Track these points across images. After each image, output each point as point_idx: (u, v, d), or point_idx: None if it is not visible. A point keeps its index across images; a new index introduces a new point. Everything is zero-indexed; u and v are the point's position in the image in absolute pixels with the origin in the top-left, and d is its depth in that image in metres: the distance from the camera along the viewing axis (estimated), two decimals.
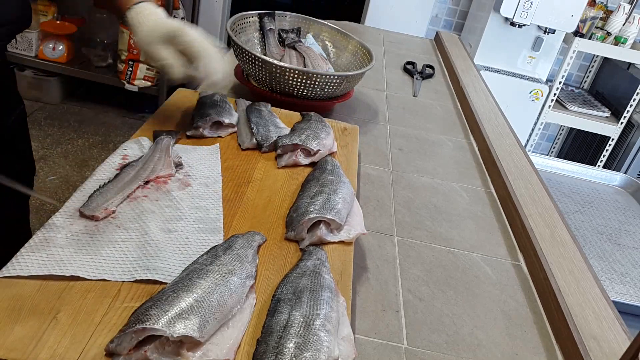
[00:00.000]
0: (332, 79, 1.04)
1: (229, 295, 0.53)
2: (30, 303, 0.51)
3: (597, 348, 0.66)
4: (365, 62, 1.21)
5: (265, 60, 1.02)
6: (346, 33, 1.30)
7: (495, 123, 1.29)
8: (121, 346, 0.47)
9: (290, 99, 1.07)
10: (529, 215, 0.91)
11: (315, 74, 1.03)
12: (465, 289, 0.75)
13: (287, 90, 1.06)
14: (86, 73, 2.80)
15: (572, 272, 0.80)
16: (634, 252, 1.44)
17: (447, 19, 3.28)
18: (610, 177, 1.82)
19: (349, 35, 1.29)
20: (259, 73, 1.06)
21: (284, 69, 1.01)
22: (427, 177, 1.03)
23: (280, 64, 1.01)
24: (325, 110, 1.15)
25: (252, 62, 1.05)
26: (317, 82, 1.04)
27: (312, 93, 1.06)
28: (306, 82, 1.03)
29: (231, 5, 3.29)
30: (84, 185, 0.68)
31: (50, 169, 2.39)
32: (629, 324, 0.72)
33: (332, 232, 0.69)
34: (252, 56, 1.03)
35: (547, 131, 3.58)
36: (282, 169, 0.84)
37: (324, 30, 1.33)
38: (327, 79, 1.04)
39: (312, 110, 1.03)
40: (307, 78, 1.03)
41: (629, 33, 2.80)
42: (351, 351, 0.53)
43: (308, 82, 1.03)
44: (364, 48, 1.23)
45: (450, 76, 1.64)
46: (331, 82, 1.05)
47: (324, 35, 1.33)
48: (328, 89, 1.06)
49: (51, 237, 0.59)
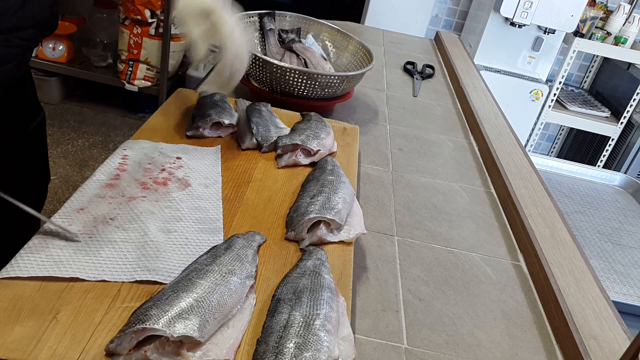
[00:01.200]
0: (333, 79, 1.04)
1: (229, 295, 0.53)
2: (30, 303, 0.51)
3: (597, 348, 0.66)
4: (366, 62, 1.21)
5: (266, 61, 1.02)
6: (346, 33, 1.30)
7: (495, 123, 1.29)
8: (121, 346, 0.47)
9: (290, 99, 1.07)
10: (529, 215, 0.91)
11: (316, 74, 1.03)
12: (465, 289, 0.75)
13: (287, 91, 1.06)
14: (86, 73, 2.80)
15: (572, 272, 0.80)
16: (634, 252, 1.44)
17: (447, 19, 3.28)
18: (610, 177, 1.82)
19: (349, 36, 1.29)
20: (260, 73, 1.06)
21: (285, 69, 1.01)
22: (427, 177, 1.03)
23: (281, 64, 1.01)
24: (325, 110, 1.15)
25: (253, 62, 1.05)
26: (318, 82, 1.04)
27: (312, 93, 1.06)
28: (307, 82, 1.03)
29: None
30: (83, 186, 0.68)
31: (50, 169, 2.39)
32: (629, 324, 0.72)
33: (332, 232, 0.69)
34: (253, 56, 1.03)
35: (547, 131, 3.58)
36: (282, 169, 0.84)
37: (324, 31, 1.32)
38: (327, 79, 1.04)
39: (312, 110, 1.03)
40: (307, 78, 1.03)
41: (629, 33, 2.80)
42: (351, 351, 0.53)
43: (308, 82, 1.03)
44: (364, 48, 1.23)
45: (450, 76, 1.64)
46: (332, 83, 1.05)
47: (324, 36, 1.32)
48: (328, 89, 1.06)
49: (50, 238, 0.59)
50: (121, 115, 2.98)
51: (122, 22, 2.68)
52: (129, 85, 2.77)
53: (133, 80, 2.76)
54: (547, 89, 2.89)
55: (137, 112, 3.03)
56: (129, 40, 2.67)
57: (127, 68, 2.74)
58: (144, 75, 2.76)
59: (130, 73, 2.75)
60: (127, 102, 3.02)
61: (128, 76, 2.76)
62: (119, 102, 3.04)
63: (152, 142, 0.81)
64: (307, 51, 1.21)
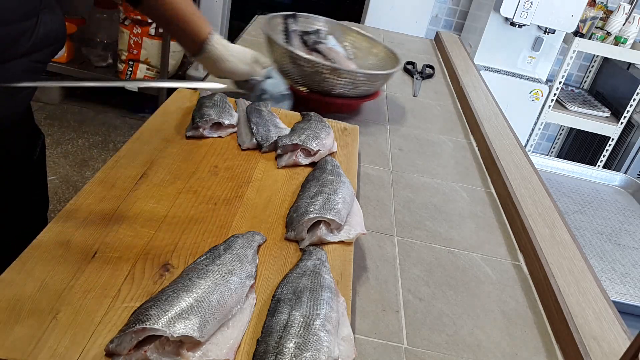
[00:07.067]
0: (371, 77, 1.10)
1: (229, 295, 0.53)
2: (30, 303, 0.51)
3: (597, 348, 0.66)
4: (391, 62, 1.25)
5: (301, 57, 1.07)
6: (369, 36, 1.34)
7: (495, 123, 1.29)
8: (121, 346, 0.47)
9: (322, 97, 1.12)
10: (529, 215, 0.91)
11: (354, 72, 1.08)
12: (465, 289, 0.75)
13: (325, 89, 1.11)
14: (86, 73, 2.80)
15: (572, 272, 0.80)
16: (634, 252, 1.44)
17: (447, 19, 3.28)
18: (610, 177, 1.82)
19: (373, 39, 1.34)
20: (296, 71, 1.10)
21: (326, 66, 1.06)
22: (427, 177, 1.03)
23: (324, 63, 1.07)
24: (352, 109, 1.22)
25: (290, 61, 1.09)
26: (354, 79, 1.09)
27: (346, 91, 1.11)
28: (342, 80, 1.08)
29: (231, 5, 3.29)
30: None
31: (50, 169, 2.39)
32: (629, 324, 0.72)
33: (332, 232, 0.69)
34: (292, 54, 1.08)
35: (547, 131, 3.58)
36: (282, 169, 0.84)
37: (345, 32, 1.37)
38: (368, 76, 1.09)
39: (341, 108, 1.10)
40: (343, 76, 1.07)
41: (629, 33, 2.80)
42: (351, 351, 0.53)
43: (343, 80, 1.08)
44: (388, 50, 1.28)
45: (450, 76, 1.64)
46: (367, 81, 1.10)
47: (345, 37, 1.36)
48: (364, 86, 1.12)
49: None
50: (121, 115, 2.98)
51: (122, 22, 2.68)
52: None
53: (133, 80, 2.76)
54: (547, 89, 2.89)
55: (137, 112, 3.03)
56: (129, 40, 2.67)
57: (127, 68, 2.74)
58: (144, 75, 2.76)
59: (130, 73, 2.75)
60: (127, 102, 3.02)
61: (128, 76, 2.76)
62: (119, 102, 3.04)
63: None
64: (332, 52, 1.24)
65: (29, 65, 0.75)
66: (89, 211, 0.65)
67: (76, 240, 0.60)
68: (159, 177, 0.75)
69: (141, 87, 2.74)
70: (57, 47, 0.81)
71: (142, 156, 0.78)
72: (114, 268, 0.58)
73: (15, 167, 0.89)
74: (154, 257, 0.60)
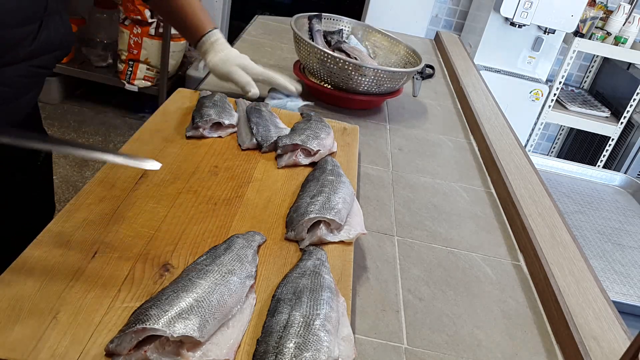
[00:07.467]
0: (396, 75, 1.14)
1: (229, 295, 0.53)
2: (30, 303, 0.51)
3: (597, 348, 0.66)
4: (412, 62, 1.28)
5: (337, 57, 1.10)
6: (390, 35, 1.37)
7: (495, 123, 1.29)
8: (121, 346, 0.47)
9: (345, 94, 1.16)
10: (529, 215, 0.91)
11: (380, 69, 1.12)
12: (465, 289, 0.75)
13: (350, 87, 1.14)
14: (86, 73, 2.81)
15: (572, 272, 0.80)
16: (634, 252, 1.44)
17: (447, 19, 3.28)
18: (610, 177, 1.82)
19: (394, 38, 1.36)
20: (320, 67, 1.14)
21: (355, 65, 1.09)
22: (427, 177, 1.03)
23: (352, 61, 1.10)
24: (375, 105, 1.26)
25: (316, 57, 1.12)
26: (378, 77, 1.12)
27: (371, 88, 1.15)
28: (367, 78, 1.12)
29: (231, 5, 3.29)
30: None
31: None
32: (629, 324, 0.72)
33: (332, 232, 0.69)
34: (320, 52, 1.11)
35: (547, 131, 3.58)
36: (282, 169, 0.84)
37: (367, 32, 1.40)
38: (387, 74, 1.13)
39: (365, 105, 1.17)
40: (369, 73, 1.10)
41: (629, 33, 2.80)
42: (351, 351, 0.53)
43: (368, 78, 1.11)
44: (409, 49, 1.31)
45: (450, 76, 1.64)
46: (392, 77, 1.14)
47: (367, 37, 1.39)
48: (389, 83, 1.16)
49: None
50: (121, 115, 2.98)
51: (122, 22, 2.68)
52: (129, 85, 2.77)
53: (133, 80, 2.77)
54: (547, 89, 2.89)
55: (137, 112, 3.03)
56: (129, 40, 2.67)
57: (127, 68, 2.74)
58: (144, 75, 2.77)
59: (130, 73, 2.75)
60: (127, 102, 3.02)
61: (128, 76, 2.76)
62: (119, 102, 3.04)
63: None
64: (355, 50, 1.28)
65: (29, 71, 0.75)
66: (89, 211, 0.65)
67: (76, 240, 0.60)
68: (159, 177, 0.75)
69: (141, 87, 2.73)
70: (61, 54, 0.81)
71: (142, 156, 0.78)
72: (114, 268, 0.58)
73: (19, 171, 0.89)
74: (154, 257, 0.60)
